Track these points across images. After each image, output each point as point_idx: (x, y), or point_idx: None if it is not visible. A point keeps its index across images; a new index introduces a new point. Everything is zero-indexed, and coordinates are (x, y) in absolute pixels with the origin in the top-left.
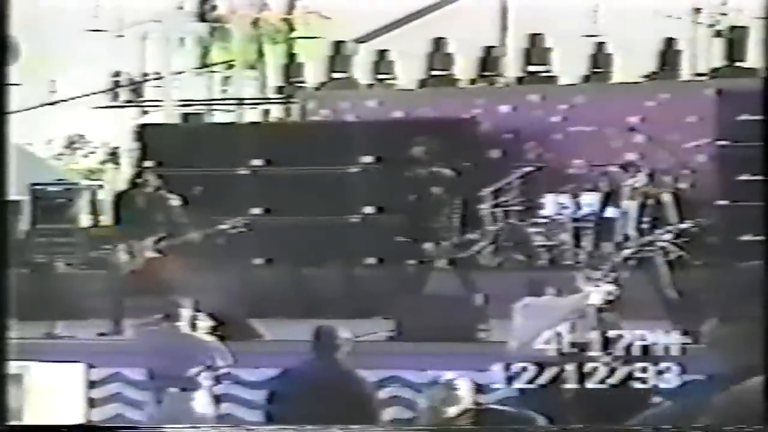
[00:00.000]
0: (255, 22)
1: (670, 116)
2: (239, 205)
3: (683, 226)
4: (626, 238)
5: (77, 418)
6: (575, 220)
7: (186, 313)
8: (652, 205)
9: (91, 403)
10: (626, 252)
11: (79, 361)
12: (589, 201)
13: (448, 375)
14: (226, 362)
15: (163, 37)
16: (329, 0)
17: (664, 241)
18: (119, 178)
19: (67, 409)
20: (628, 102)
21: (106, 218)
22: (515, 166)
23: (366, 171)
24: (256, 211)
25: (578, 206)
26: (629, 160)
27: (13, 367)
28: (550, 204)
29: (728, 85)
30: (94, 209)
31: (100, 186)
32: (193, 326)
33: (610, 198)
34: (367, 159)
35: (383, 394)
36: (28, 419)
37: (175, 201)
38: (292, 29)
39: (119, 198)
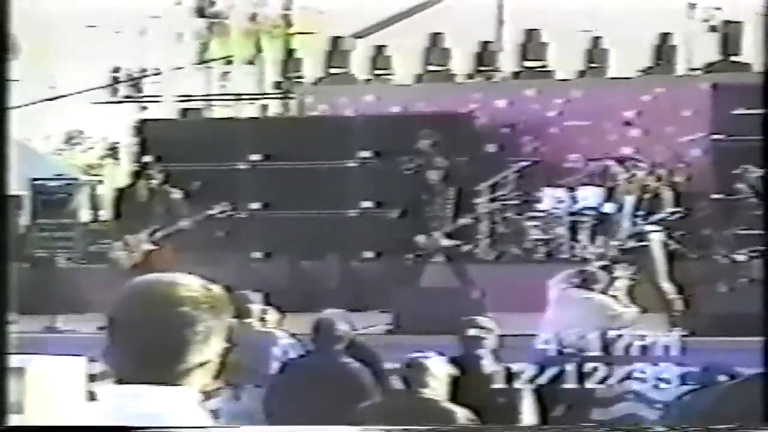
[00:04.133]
0: (253, 18)
1: (666, 110)
2: (238, 199)
3: (670, 211)
4: (620, 230)
5: (78, 410)
6: (571, 213)
7: (256, 307)
8: (649, 199)
9: (92, 396)
10: (619, 244)
11: (80, 355)
12: (585, 195)
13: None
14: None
15: (161, 32)
16: None
17: (655, 231)
18: (118, 173)
19: (68, 402)
20: (624, 96)
21: (106, 213)
22: (512, 160)
23: (364, 165)
24: (255, 205)
25: (574, 200)
26: (627, 154)
27: (14, 360)
28: (547, 198)
29: (723, 79)
30: (94, 204)
31: (100, 181)
32: (262, 320)
33: (611, 193)
34: (365, 154)
35: None
36: (29, 412)
37: (177, 194)
38: (289, 25)
39: (121, 192)
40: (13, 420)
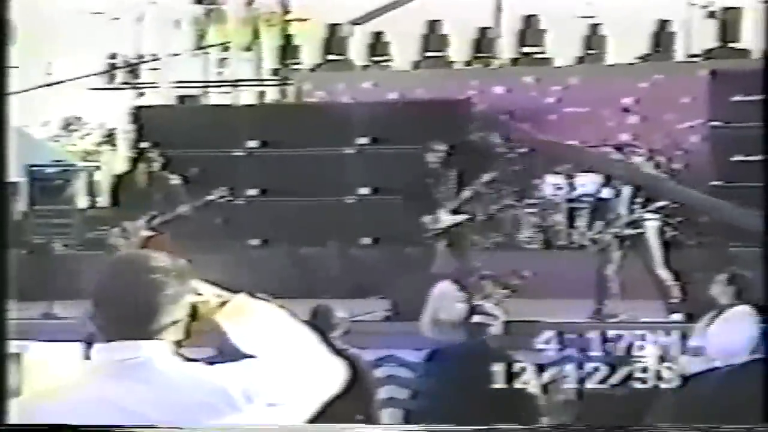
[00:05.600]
0: (250, 4)
1: (664, 97)
2: (236, 186)
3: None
4: (617, 217)
5: (75, 393)
6: (569, 200)
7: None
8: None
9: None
10: (615, 230)
11: (77, 341)
12: (583, 181)
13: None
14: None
15: (159, 18)
16: None
17: (653, 219)
18: (116, 159)
19: (65, 388)
20: (623, 83)
21: (103, 199)
22: (510, 146)
23: (361, 152)
24: (253, 192)
25: (572, 187)
26: (625, 141)
27: (11, 346)
28: (545, 184)
29: (722, 65)
30: (91, 190)
31: (97, 167)
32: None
33: (609, 180)
34: (363, 140)
35: (379, 373)
36: (26, 396)
37: (175, 180)
38: (287, 11)
39: (119, 178)
40: (12, 403)
